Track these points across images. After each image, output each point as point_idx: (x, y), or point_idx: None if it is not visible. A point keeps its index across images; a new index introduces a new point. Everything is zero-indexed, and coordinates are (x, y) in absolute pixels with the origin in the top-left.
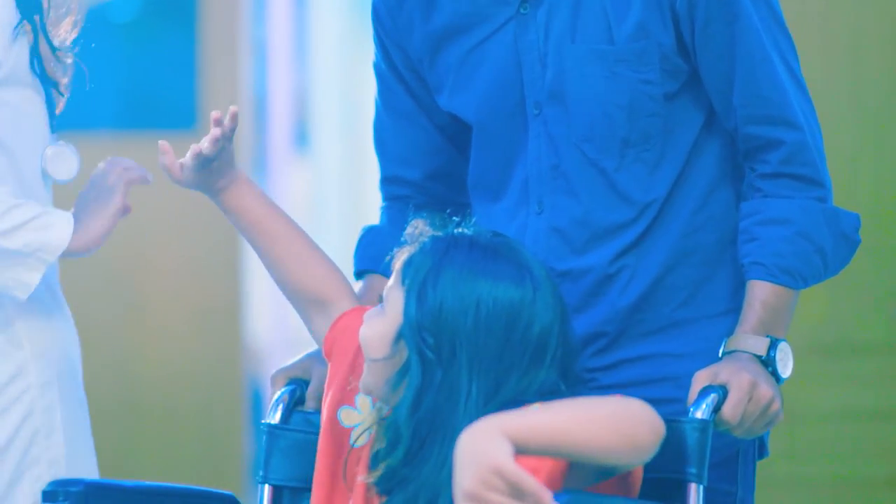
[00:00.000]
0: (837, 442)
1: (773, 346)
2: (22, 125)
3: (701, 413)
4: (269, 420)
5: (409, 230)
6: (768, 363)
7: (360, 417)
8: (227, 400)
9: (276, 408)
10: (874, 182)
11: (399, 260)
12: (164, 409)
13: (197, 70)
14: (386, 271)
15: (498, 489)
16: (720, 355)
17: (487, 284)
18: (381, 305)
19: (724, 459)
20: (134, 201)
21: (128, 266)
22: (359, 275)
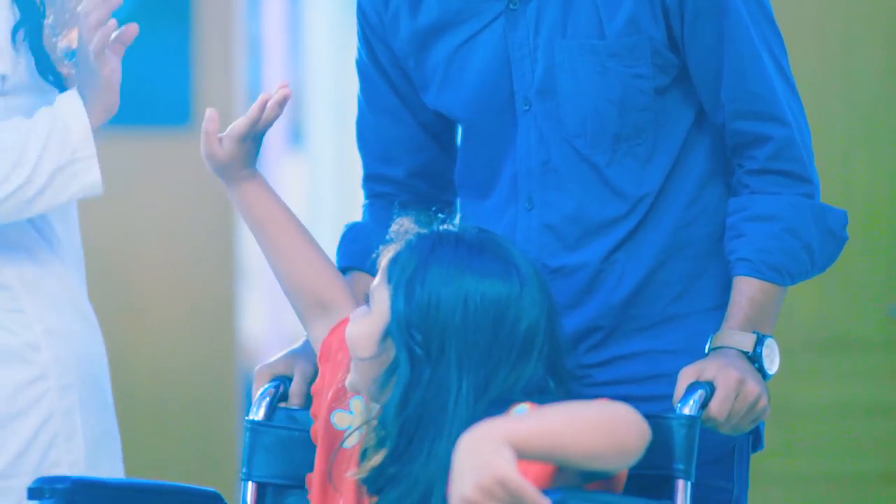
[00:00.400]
0: (832, 437)
1: (760, 343)
2: None
3: (688, 409)
4: (253, 417)
5: (395, 228)
6: (755, 359)
7: (352, 419)
8: (221, 396)
9: (260, 404)
10: (868, 178)
11: (385, 258)
12: (158, 406)
13: (191, 66)
14: (370, 269)
15: (498, 498)
16: (706, 351)
17: (475, 280)
18: (368, 304)
19: (720, 456)
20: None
21: (121, 263)
22: (342, 272)
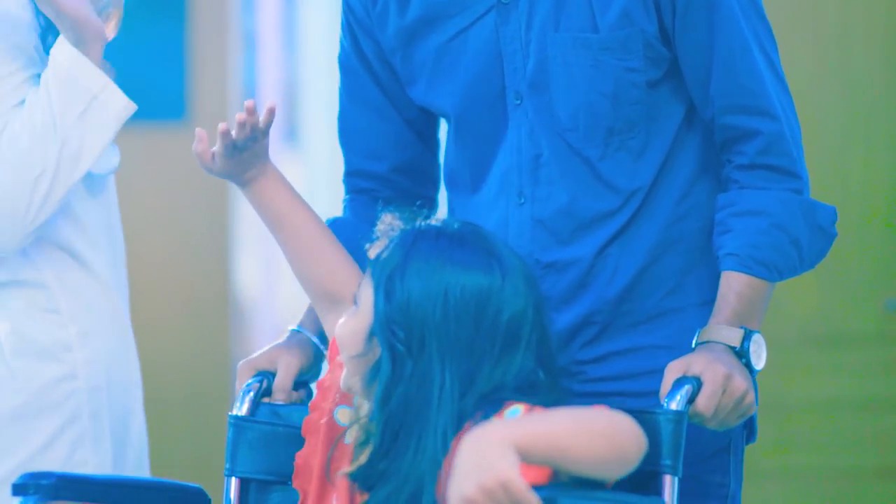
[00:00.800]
0: (827, 432)
1: (748, 338)
2: None
3: (675, 404)
4: (236, 412)
5: (380, 225)
6: (742, 354)
7: (353, 416)
8: (216, 392)
9: (243, 399)
10: (864, 174)
11: (370, 255)
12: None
13: (186, 61)
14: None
15: (499, 501)
16: (693, 346)
17: (454, 273)
18: (356, 303)
19: (717, 451)
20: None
21: None
22: None
